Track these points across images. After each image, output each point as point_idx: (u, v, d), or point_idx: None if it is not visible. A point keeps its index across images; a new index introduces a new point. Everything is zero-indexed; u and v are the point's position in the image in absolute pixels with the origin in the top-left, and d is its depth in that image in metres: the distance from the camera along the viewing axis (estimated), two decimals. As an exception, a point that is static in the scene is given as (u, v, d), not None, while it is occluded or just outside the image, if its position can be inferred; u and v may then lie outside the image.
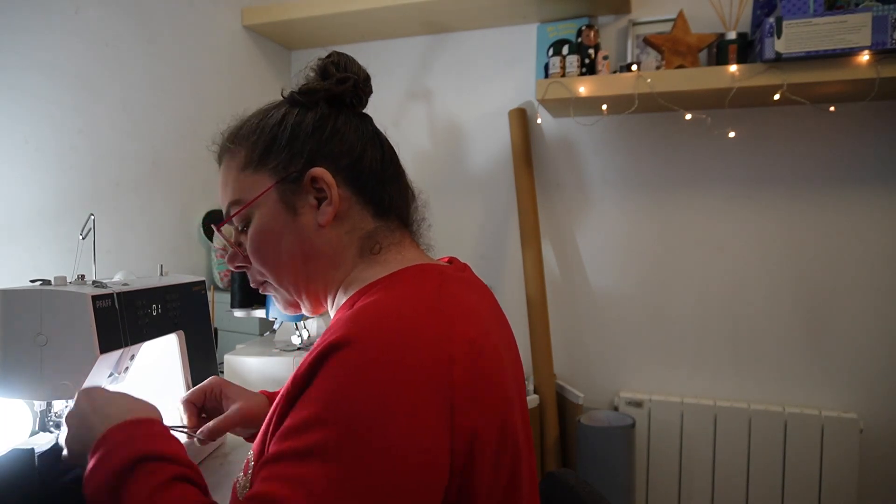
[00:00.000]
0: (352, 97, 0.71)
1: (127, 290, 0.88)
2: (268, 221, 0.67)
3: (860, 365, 1.68)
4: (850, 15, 1.34)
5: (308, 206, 0.66)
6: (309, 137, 0.67)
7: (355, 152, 0.67)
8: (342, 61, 0.71)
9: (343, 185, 0.66)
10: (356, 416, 0.49)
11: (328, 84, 0.69)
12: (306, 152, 0.66)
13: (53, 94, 1.28)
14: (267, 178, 0.67)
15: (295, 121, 0.67)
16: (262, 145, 0.67)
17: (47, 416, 0.90)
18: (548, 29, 1.83)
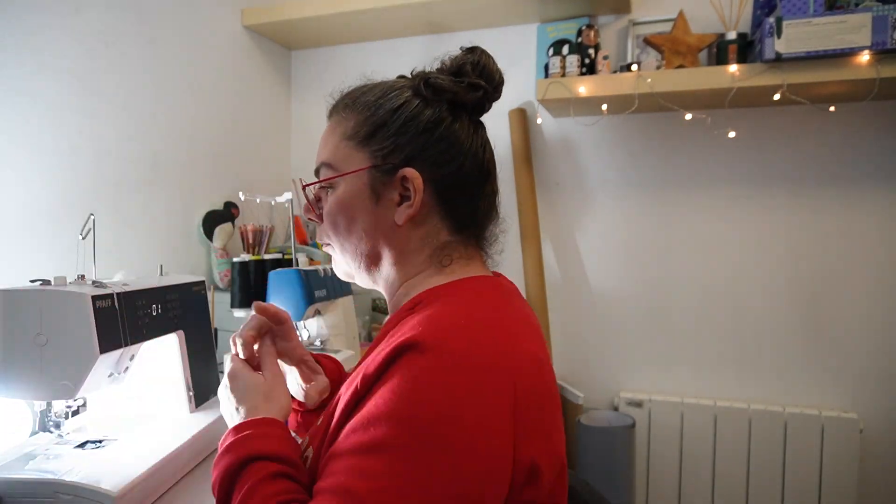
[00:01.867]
0: (477, 105, 0.69)
1: (127, 290, 0.88)
2: (350, 197, 0.67)
3: (860, 365, 1.68)
4: (850, 15, 1.34)
5: (391, 199, 0.66)
6: (417, 135, 0.66)
7: (454, 164, 0.66)
8: (482, 63, 0.69)
9: (430, 192, 0.66)
10: (424, 416, 0.50)
11: (458, 87, 0.67)
12: (408, 149, 0.65)
13: (53, 94, 1.28)
14: (364, 157, 0.67)
15: (411, 113, 0.66)
16: (371, 125, 0.67)
17: (47, 416, 0.90)
18: (548, 29, 1.83)
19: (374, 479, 0.49)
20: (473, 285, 0.65)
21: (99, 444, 0.90)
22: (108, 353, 0.82)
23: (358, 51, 2.12)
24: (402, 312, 0.66)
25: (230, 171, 1.86)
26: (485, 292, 0.64)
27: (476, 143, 0.69)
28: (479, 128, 0.71)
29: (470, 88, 0.68)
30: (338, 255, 0.73)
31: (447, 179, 0.66)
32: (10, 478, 0.77)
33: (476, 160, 0.68)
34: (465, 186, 0.68)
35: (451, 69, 0.69)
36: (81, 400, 0.93)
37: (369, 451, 0.50)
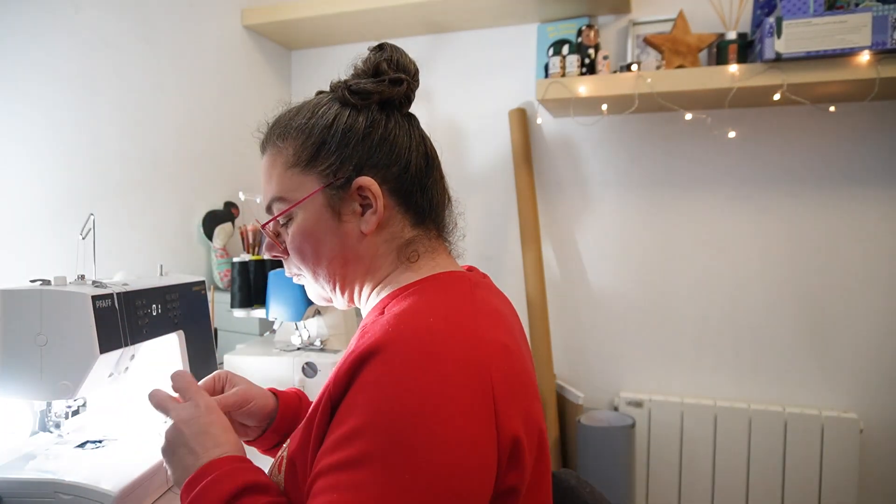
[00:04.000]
0: (402, 99, 0.70)
1: (127, 290, 0.88)
2: (311, 224, 0.67)
3: (860, 365, 1.68)
4: (850, 15, 1.34)
5: (352, 212, 0.66)
6: (359, 144, 0.66)
7: (402, 160, 0.67)
8: (395, 58, 0.69)
9: (387, 193, 0.66)
10: (399, 421, 0.50)
11: (381, 86, 0.67)
12: (355, 159, 0.65)
13: (53, 94, 1.28)
14: (314, 180, 0.66)
15: (346, 124, 0.66)
16: (311, 147, 0.66)
17: (47, 416, 0.90)
18: (548, 29, 1.83)
19: (362, 490, 0.49)
20: (439, 281, 0.66)
21: (99, 444, 0.90)
22: (108, 353, 0.82)
23: (358, 51, 2.10)
24: (373, 313, 0.66)
25: (230, 171, 1.86)
26: (449, 287, 0.65)
27: (415, 136, 0.70)
28: (412, 120, 0.72)
29: (393, 84, 0.68)
30: (311, 283, 0.72)
31: (398, 178, 0.67)
32: (10, 478, 0.77)
33: (419, 152, 0.69)
34: (416, 180, 0.68)
35: (368, 71, 0.69)
36: (81, 400, 0.93)
37: (353, 465, 0.50)
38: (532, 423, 0.59)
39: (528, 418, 0.58)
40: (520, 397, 0.57)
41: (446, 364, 0.53)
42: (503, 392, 0.55)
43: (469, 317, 0.59)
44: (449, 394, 0.52)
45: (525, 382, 0.60)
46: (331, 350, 1.35)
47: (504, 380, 0.56)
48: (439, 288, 0.64)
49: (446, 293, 0.63)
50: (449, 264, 0.71)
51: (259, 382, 1.07)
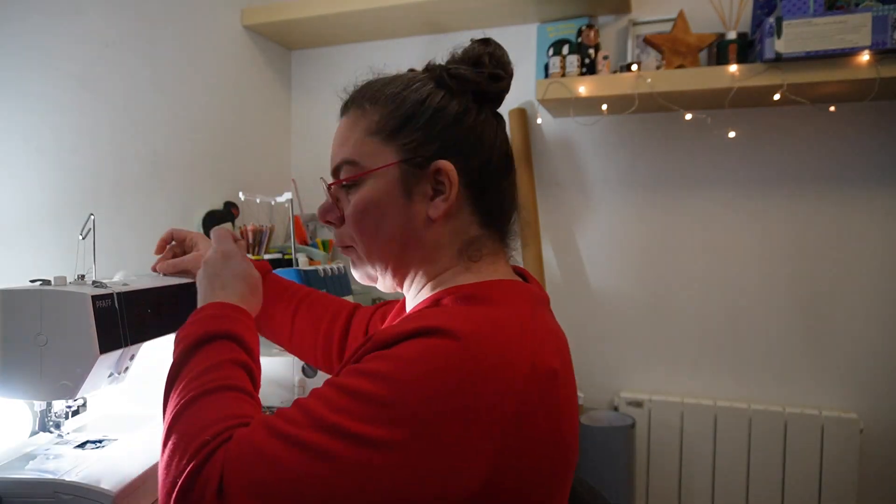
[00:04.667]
0: (496, 95, 0.68)
1: (127, 290, 0.88)
2: (379, 196, 0.65)
3: (860, 365, 1.68)
4: (850, 15, 1.34)
5: (423, 194, 0.64)
6: (447, 127, 0.64)
7: (483, 156, 0.65)
8: (498, 54, 0.67)
9: (462, 185, 0.64)
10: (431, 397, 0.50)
11: (480, 77, 0.65)
12: (439, 141, 0.63)
13: (53, 94, 1.28)
14: (393, 152, 0.64)
15: (438, 104, 0.64)
16: (398, 118, 0.64)
17: (47, 416, 0.90)
18: (548, 29, 1.83)
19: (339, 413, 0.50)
20: (503, 290, 0.63)
21: (99, 444, 0.90)
22: (108, 353, 0.82)
23: (358, 51, 2.12)
24: (427, 303, 0.64)
25: (230, 171, 1.86)
26: (514, 298, 0.62)
27: (500, 135, 0.68)
28: (500, 119, 0.70)
29: (493, 79, 0.66)
30: (361, 258, 0.70)
31: (476, 171, 0.65)
32: (10, 478, 0.77)
33: (502, 151, 0.67)
34: (492, 178, 0.66)
35: (470, 60, 0.67)
36: (81, 400, 0.93)
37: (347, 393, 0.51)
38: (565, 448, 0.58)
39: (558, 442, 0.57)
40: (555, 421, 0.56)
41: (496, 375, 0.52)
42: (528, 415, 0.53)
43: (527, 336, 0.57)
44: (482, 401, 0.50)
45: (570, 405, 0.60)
46: (331, 350, 1.35)
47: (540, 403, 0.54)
48: (502, 298, 0.61)
49: (510, 306, 0.60)
50: (508, 273, 0.69)
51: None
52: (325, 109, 2.17)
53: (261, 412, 0.61)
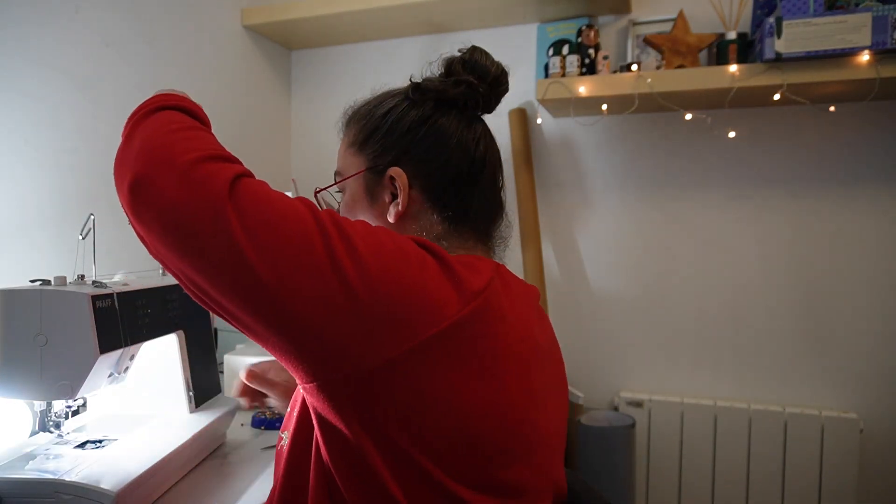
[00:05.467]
0: (465, 100, 0.71)
1: (127, 290, 0.88)
2: (351, 201, 0.72)
3: (860, 365, 1.68)
4: (850, 15, 1.34)
5: (385, 199, 0.69)
6: (403, 135, 0.69)
7: (440, 159, 0.68)
8: (473, 60, 0.71)
9: (419, 188, 0.68)
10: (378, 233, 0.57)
11: (443, 85, 0.70)
12: (396, 149, 0.69)
13: (53, 94, 1.28)
14: (361, 162, 0.71)
15: (397, 116, 0.70)
16: (366, 131, 0.71)
17: (47, 416, 0.90)
18: (548, 29, 1.83)
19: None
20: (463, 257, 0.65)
21: (99, 444, 0.90)
22: (108, 353, 0.82)
23: (358, 51, 2.12)
24: None
25: (230, 171, 1.86)
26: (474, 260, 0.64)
27: (466, 137, 0.70)
28: (473, 123, 0.72)
29: (454, 85, 0.70)
30: None
31: (435, 174, 0.68)
32: (10, 478, 0.77)
33: (466, 153, 0.69)
34: (455, 180, 0.69)
35: (443, 68, 0.72)
36: (81, 400, 0.93)
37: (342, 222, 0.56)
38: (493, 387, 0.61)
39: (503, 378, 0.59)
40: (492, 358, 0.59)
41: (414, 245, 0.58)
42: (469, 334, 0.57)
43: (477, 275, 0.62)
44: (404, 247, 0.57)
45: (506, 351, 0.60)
46: (331, 350, 1.35)
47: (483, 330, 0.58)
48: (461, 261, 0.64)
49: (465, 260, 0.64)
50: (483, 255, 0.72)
51: (259, 382, 1.07)
52: (325, 109, 2.17)
53: None
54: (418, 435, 0.53)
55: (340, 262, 0.51)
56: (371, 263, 0.52)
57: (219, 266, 0.51)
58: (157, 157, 0.55)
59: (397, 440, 0.53)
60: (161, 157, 0.55)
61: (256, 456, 1.04)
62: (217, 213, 0.51)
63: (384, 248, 0.55)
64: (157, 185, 0.53)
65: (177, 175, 0.53)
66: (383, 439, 0.53)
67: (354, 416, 0.53)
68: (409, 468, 0.53)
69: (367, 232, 0.56)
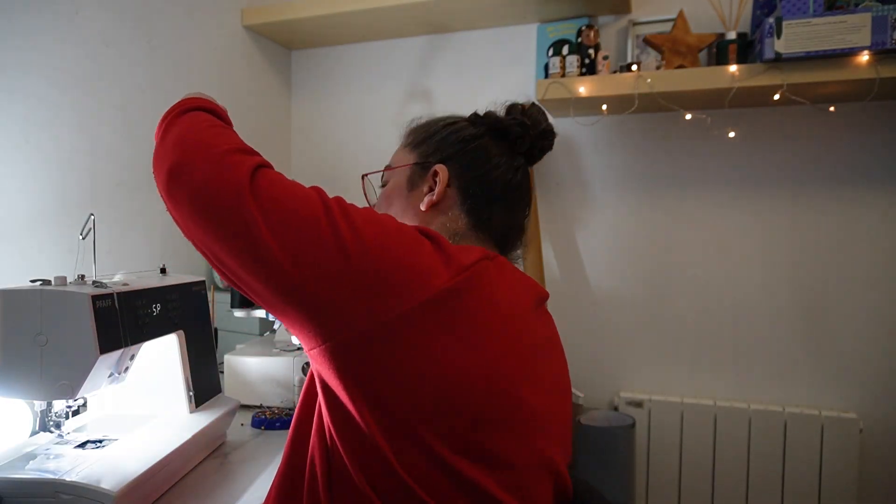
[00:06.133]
0: (516, 136, 0.80)
1: (127, 290, 0.88)
2: (392, 188, 0.81)
3: (860, 365, 1.68)
4: (850, 15, 1.34)
5: (422, 190, 0.78)
6: (455, 143, 0.79)
7: (481, 171, 0.77)
8: (531, 111, 0.83)
9: (455, 188, 0.77)
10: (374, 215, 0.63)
11: (500, 118, 0.82)
12: (445, 152, 0.78)
13: (53, 94, 1.28)
14: (412, 157, 0.81)
15: (455, 129, 0.80)
16: (424, 135, 0.82)
17: (47, 416, 0.90)
18: (548, 29, 1.83)
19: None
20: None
21: (99, 444, 0.90)
22: (108, 353, 0.82)
23: (358, 51, 2.12)
24: None
25: (230, 171, 1.86)
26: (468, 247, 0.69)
27: (507, 163, 0.79)
28: (516, 160, 0.81)
29: (511, 121, 0.81)
30: None
31: (472, 182, 0.77)
32: (10, 478, 0.77)
33: (504, 175, 0.79)
34: (488, 192, 0.77)
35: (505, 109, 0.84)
36: (81, 400, 0.93)
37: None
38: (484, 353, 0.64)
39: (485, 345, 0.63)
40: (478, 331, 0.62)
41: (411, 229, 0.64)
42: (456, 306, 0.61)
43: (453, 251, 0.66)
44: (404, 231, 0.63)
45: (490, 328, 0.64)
46: (331, 350, 1.35)
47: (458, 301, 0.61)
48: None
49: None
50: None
51: (259, 382, 1.07)
52: (325, 109, 2.17)
53: None
54: (409, 398, 0.57)
55: (341, 233, 0.58)
56: (368, 235, 0.59)
57: (238, 239, 0.59)
58: (192, 147, 0.66)
59: (390, 403, 0.57)
60: (195, 147, 0.65)
61: (256, 456, 1.04)
62: (239, 194, 0.59)
63: (384, 225, 0.62)
64: (192, 170, 0.63)
65: (209, 163, 0.63)
66: (378, 402, 0.57)
67: (352, 380, 0.57)
68: (401, 430, 0.58)
69: (370, 213, 0.63)
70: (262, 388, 1.30)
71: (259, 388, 1.30)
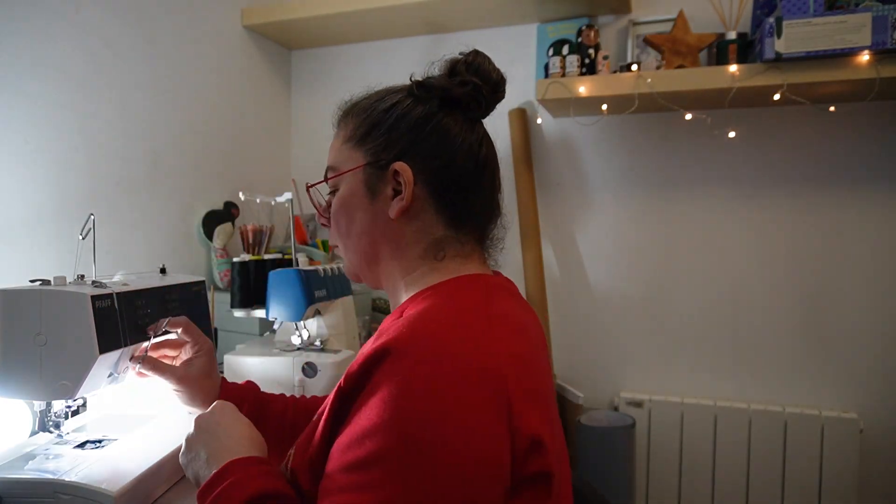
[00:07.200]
0: (469, 101, 0.70)
1: (127, 290, 0.88)
2: (349, 196, 0.70)
3: (860, 365, 1.68)
4: (850, 15, 1.34)
5: (386, 195, 0.68)
6: (408, 131, 0.68)
7: (445, 157, 0.67)
8: (476, 63, 0.71)
9: (423, 185, 0.67)
10: (409, 420, 0.50)
11: (447, 83, 0.69)
12: (400, 144, 0.67)
13: (53, 94, 1.28)
14: (361, 156, 0.69)
15: (402, 111, 0.68)
16: (366, 125, 0.70)
17: (47, 416, 0.90)
18: (548, 29, 1.83)
19: (375, 490, 0.49)
20: (458, 284, 0.65)
21: (99, 444, 0.90)
22: (108, 353, 0.82)
23: (358, 51, 2.12)
24: (395, 315, 0.66)
25: (230, 171, 1.86)
26: (466, 291, 0.64)
27: (470, 138, 0.69)
28: (475, 125, 0.71)
29: (460, 84, 0.69)
30: (343, 255, 0.75)
31: (440, 173, 0.67)
32: (10, 478, 0.77)
33: (470, 154, 0.69)
34: (458, 180, 0.68)
35: (446, 69, 0.71)
36: (81, 400, 0.93)
37: (366, 465, 0.50)
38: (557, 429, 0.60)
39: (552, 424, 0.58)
40: (540, 404, 0.57)
41: (456, 368, 0.53)
42: (518, 396, 0.54)
43: (481, 322, 0.59)
44: (459, 395, 0.51)
45: (543, 392, 0.60)
46: (331, 350, 1.35)
47: (518, 385, 0.55)
48: (456, 291, 0.64)
49: (462, 297, 0.63)
50: (478, 269, 0.70)
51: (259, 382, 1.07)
52: (325, 109, 2.16)
53: None
54: None
55: None
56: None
57: None
58: None
59: None
60: None
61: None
62: None
63: None
64: None
65: None
66: None
67: None
68: None
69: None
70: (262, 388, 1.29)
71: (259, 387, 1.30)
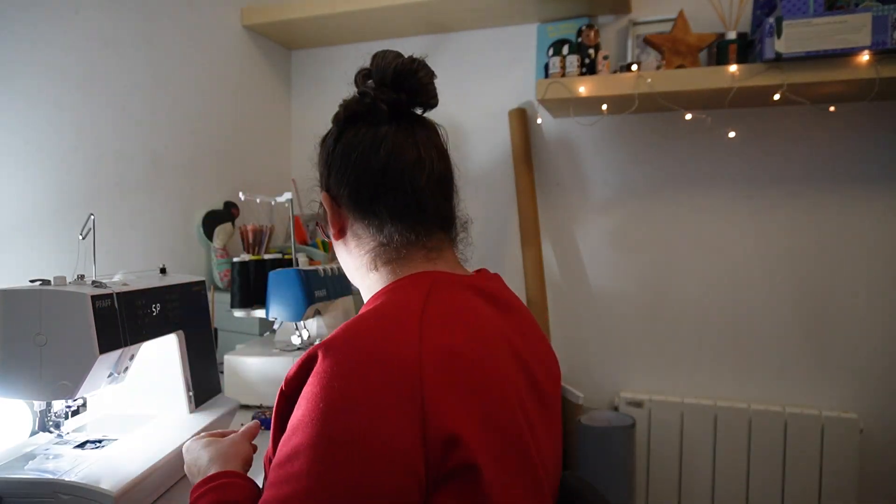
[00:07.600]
0: (366, 110, 0.70)
1: (127, 290, 0.88)
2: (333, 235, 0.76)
3: (860, 365, 1.68)
4: (850, 15, 1.34)
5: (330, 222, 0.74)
6: (325, 162, 0.73)
7: (351, 176, 0.70)
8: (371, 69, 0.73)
9: (347, 205, 0.71)
10: (326, 413, 0.53)
11: (347, 103, 0.73)
12: (325, 175, 0.74)
13: (53, 94, 1.28)
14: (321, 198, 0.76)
15: (324, 145, 0.75)
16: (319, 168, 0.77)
17: (47, 416, 0.90)
18: (548, 29, 1.83)
19: (292, 483, 0.52)
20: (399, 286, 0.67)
21: (99, 444, 0.90)
22: (108, 353, 0.82)
23: (358, 51, 2.10)
24: None
25: (230, 171, 1.86)
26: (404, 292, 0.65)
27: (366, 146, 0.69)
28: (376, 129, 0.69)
29: (360, 97, 0.71)
30: None
31: (352, 190, 0.70)
32: (10, 478, 0.77)
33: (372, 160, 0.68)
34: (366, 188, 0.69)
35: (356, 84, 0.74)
36: (81, 400, 0.93)
37: (289, 460, 0.54)
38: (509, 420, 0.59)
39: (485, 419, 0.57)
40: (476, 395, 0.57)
41: (367, 361, 0.55)
42: (437, 388, 0.54)
43: (406, 317, 0.59)
44: (368, 386, 0.54)
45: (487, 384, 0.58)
46: (331, 350, 1.35)
47: (441, 377, 0.55)
48: (392, 293, 0.66)
49: (395, 297, 0.64)
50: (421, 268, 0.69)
51: (259, 382, 1.08)
52: (325, 109, 2.17)
53: None
54: None
55: None
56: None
57: None
58: None
59: None
60: None
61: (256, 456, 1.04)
62: None
63: None
64: None
65: None
66: None
67: None
68: None
69: None
70: (261, 389, 1.30)
71: (259, 388, 1.30)
